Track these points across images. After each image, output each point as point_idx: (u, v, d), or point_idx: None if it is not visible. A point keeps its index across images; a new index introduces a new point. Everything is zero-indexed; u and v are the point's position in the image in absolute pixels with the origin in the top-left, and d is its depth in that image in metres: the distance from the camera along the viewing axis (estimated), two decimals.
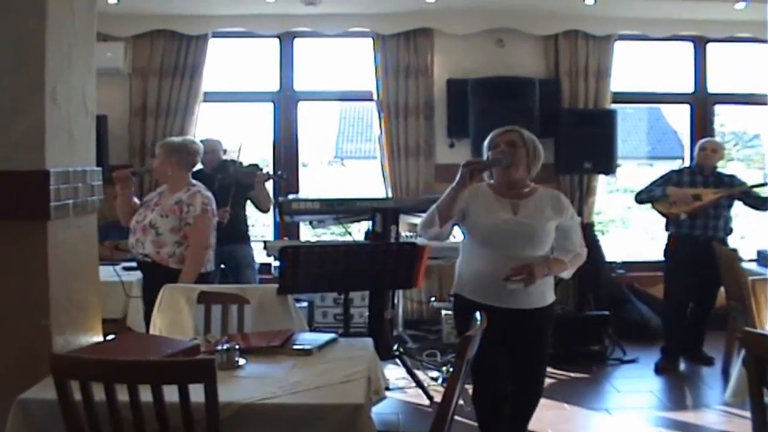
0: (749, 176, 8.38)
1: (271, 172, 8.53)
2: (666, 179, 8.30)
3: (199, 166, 8.48)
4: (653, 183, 8.35)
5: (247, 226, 8.68)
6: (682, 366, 8.23)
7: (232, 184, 8.04)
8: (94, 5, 4.81)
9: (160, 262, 6.16)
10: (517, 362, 5.03)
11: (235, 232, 8.20)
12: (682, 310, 8.25)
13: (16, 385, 3.69)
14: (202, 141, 8.28)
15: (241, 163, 8.42)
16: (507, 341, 4.89)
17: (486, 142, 5.08)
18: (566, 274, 5.10)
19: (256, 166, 8.56)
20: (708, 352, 8.33)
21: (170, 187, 6.36)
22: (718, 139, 9.39)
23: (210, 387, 3.24)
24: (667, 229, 8.30)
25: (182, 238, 6.18)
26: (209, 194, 6.39)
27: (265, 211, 8.53)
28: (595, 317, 8.40)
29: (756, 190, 8.22)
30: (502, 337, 4.80)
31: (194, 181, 6.48)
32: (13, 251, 4.13)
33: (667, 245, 8.35)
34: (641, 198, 8.38)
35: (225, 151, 8.67)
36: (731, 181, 8.23)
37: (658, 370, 8.13)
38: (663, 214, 8.23)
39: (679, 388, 7.71)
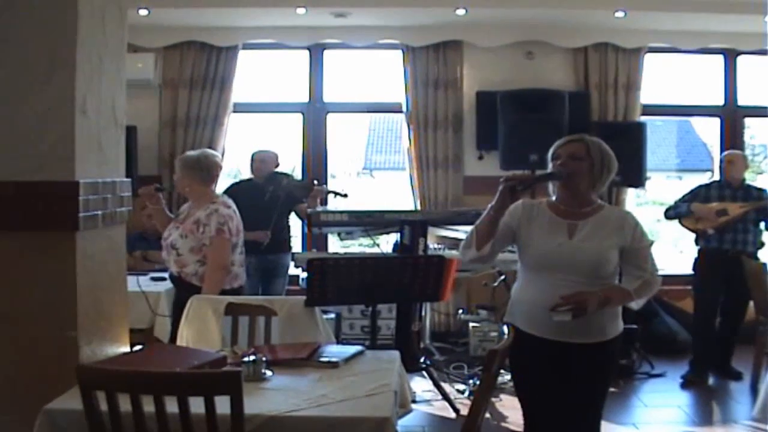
0: None
1: (329, 189, 8.71)
2: (693, 194, 8.28)
3: (244, 176, 8.61)
4: (681, 198, 8.34)
5: (290, 235, 8.84)
6: (711, 380, 8.18)
7: (282, 195, 8.13)
8: (125, 17, 4.84)
9: (185, 279, 6.16)
10: (570, 400, 4.40)
11: (279, 242, 8.41)
12: (711, 323, 8.23)
13: (43, 395, 3.71)
14: (258, 151, 8.45)
15: (292, 176, 8.51)
16: (560, 376, 4.36)
17: (549, 153, 4.51)
18: (635, 305, 4.49)
19: (311, 180, 8.66)
20: (736, 367, 8.27)
21: (193, 202, 6.34)
22: (747, 151, 9.32)
23: (236, 399, 3.24)
24: (696, 244, 8.27)
25: (203, 257, 6.11)
26: (228, 211, 6.25)
27: None
28: (622, 330, 8.35)
29: None
30: (555, 371, 4.35)
31: (218, 195, 6.45)
32: (42, 262, 4.15)
33: (696, 259, 8.32)
34: (669, 215, 8.36)
35: (278, 165, 8.72)
36: (760, 194, 8.18)
37: (686, 383, 8.09)
38: (691, 230, 8.20)
39: (707, 403, 7.67)
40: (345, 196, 8.58)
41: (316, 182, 8.59)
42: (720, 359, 8.32)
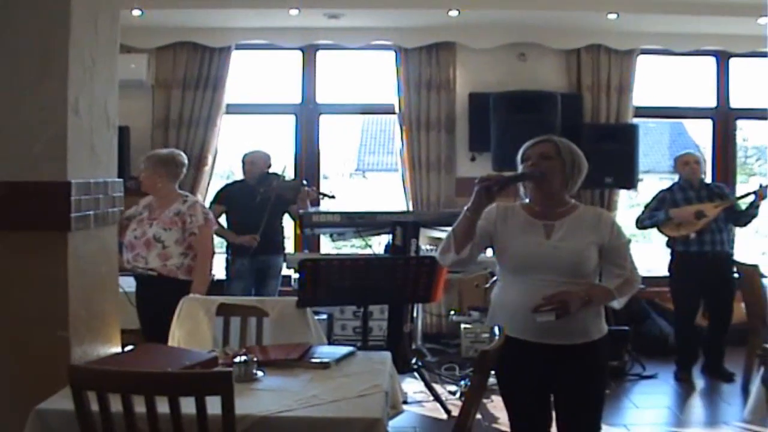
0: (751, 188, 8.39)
1: (319, 190, 8.74)
2: (660, 200, 8.35)
3: (237, 177, 8.65)
4: (648, 206, 8.41)
5: (283, 237, 8.88)
6: (702, 382, 8.22)
7: (272, 197, 8.14)
8: (118, 18, 4.86)
9: (168, 274, 6.17)
10: (560, 409, 4.39)
11: (272, 243, 8.49)
12: (692, 323, 8.35)
13: (34, 395, 3.71)
14: (249, 153, 8.49)
15: (283, 177, 8.51)
16: (546, 382, 4.33)
17: (519, 155, 4.43)
18: (617, 304, 4.40)
19: (300, 182, 8.67)
20: (728, 368, 8.29)
21: (160, 200, 6.38)
22: (740, 153, 9.36)
23: (227, 399, 3.24)
24: (668, 246, 8.34)
25: (186, 248, 6.23)
26: (204, 203, 6.50)
27: None
28: (614, 332, 8.32)
29: (739, 202, 8.26)
30: (540, 377, 4.30)
31: (185, 192, 6.59)
32: (34, 262, 4.16)
33: (673, 262, 8.35)
34: (644, 225, 8.39)
35: (269, 166, 8.72)
36: (722, 191, 8.35)
37: (677, 378, 8.28)
38: (672, 237, 8.23)
39: (698, 405, 7.70)
40: (332, 197, 8.60)
41: (304, 183, 8.60)
42: (712, 361, 8.36)
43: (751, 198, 8.15)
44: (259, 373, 4.21)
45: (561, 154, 4.35)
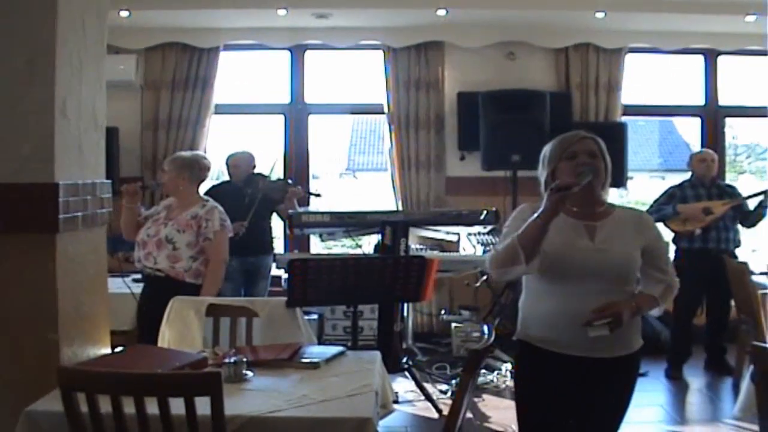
0: (761, 188, 8.39)
1: (305, 189, 8.74)
2: (669, 195, 8.34)
3: (226, 178, 8.62)
4: (657, 201, 8.39)
5: (271, 237, 8.82)
6: (694, 380, 8.23)
7: (257, 197, 8.12)
8: (105, 19, 4.84)
9: (175, 276, 6.13)
10: (586, 419, 4.11)
11: (260, 244, 8.46)
12: (690, 322, 8.36)
13: (24, 396, 3.71)
14: (232, 155, 8.46)
15: (269, 177, 8.50)
16: (578, 396, 4.02)
17: (553, 151, 4.04)
18: (657, 311, 4.17)
19: (286, 181, 8.66)
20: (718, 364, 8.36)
21: (181, 202, 6.34)
22: (729, 151, 9.37)
23: (216, 400, 3.25)
24: (674, 243, 8.30)
25: (197, 252, 6.16)
26: (222, 209, 6.38)
27: None
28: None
29: (747, 202, 8.25)
30: (574, 392, 4.00)
31: (206, 196, 6.52)
32: (22, 264, 4.15)
33: (677, 259, 8.33)
34: (653, 219, 8.34)
35: (254, 166, 8.71)
36: (733, 191, 8.36)
37: (669, 377, 8.29)
38: (677, 232, 8.22)
39: (689, 402, 7.71)
40: (318, 195, 8.63)
41: (290, 182, 8.60)
42: (714, 357, 8.47)
43: (760, 198, 8.16)
44: (249, 374, 4.21)
45: (602, 151, 4.03)
